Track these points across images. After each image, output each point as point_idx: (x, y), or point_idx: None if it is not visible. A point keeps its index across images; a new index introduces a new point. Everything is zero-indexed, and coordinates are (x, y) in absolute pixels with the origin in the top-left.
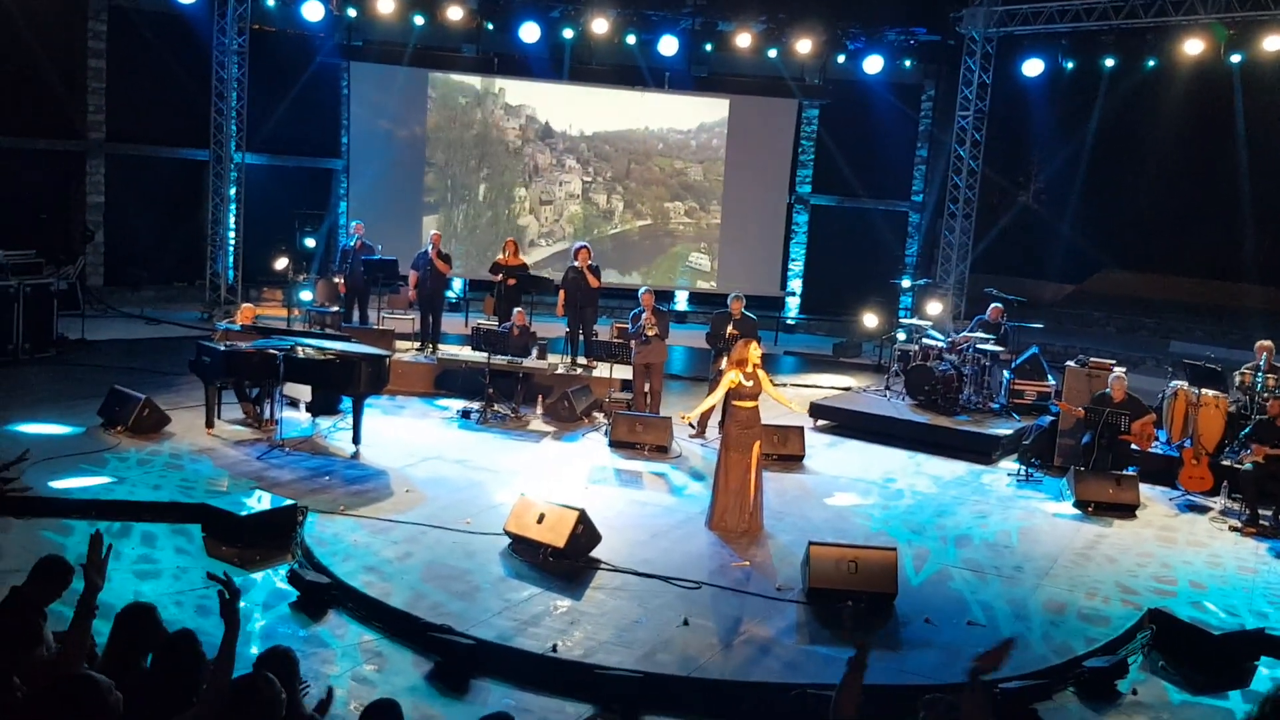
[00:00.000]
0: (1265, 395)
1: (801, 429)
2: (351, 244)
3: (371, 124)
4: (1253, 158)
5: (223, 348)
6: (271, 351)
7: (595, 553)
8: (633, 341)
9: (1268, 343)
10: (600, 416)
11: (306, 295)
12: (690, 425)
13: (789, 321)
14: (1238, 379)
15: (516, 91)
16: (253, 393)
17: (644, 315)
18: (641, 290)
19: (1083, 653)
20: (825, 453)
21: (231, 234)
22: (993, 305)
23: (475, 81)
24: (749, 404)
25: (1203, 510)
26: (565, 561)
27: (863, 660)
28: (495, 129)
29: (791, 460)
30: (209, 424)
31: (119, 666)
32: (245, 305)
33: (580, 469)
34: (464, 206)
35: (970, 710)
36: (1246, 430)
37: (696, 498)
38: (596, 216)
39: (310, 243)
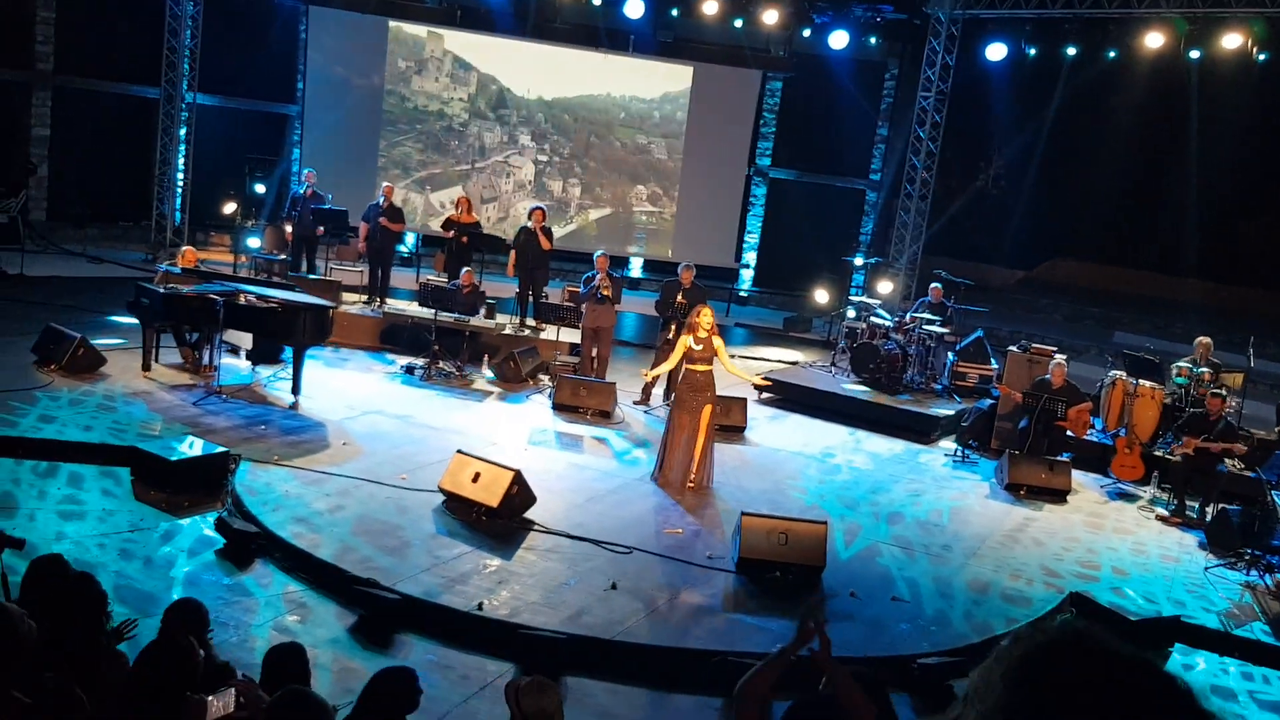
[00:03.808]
0: (1199, 389)
1: (744, 401)
2: (302, 191)
3: (329, 71)
4: (1203, 155)
5: (162, 290)
6: (212, 296)
7: (530, 514)
8: (584, 305)
9: (1206, 339)
10: (545, 379)
11: (254, 242)
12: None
13: (742, 293)
14: (1175, 371)
15: (474, 51)
16: (192, 337)
17: (598, 277)
18: (597, 253)
19: (1002, 632)
20: (767, 425)
21: (180, 175)
22: (933, 286)
23: (426, 38)
24: (699, 368)
25: (1132, 499)
26: (498, 521)
27: (793, 651)
28: (439, 100)
29: (733, 431)
30: (145, 367)
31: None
32: (187, 248)
33: (521, 430)
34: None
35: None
36: (1179, 422)
37: (635, 463)
38: (550, 210)
39: (260, 188)
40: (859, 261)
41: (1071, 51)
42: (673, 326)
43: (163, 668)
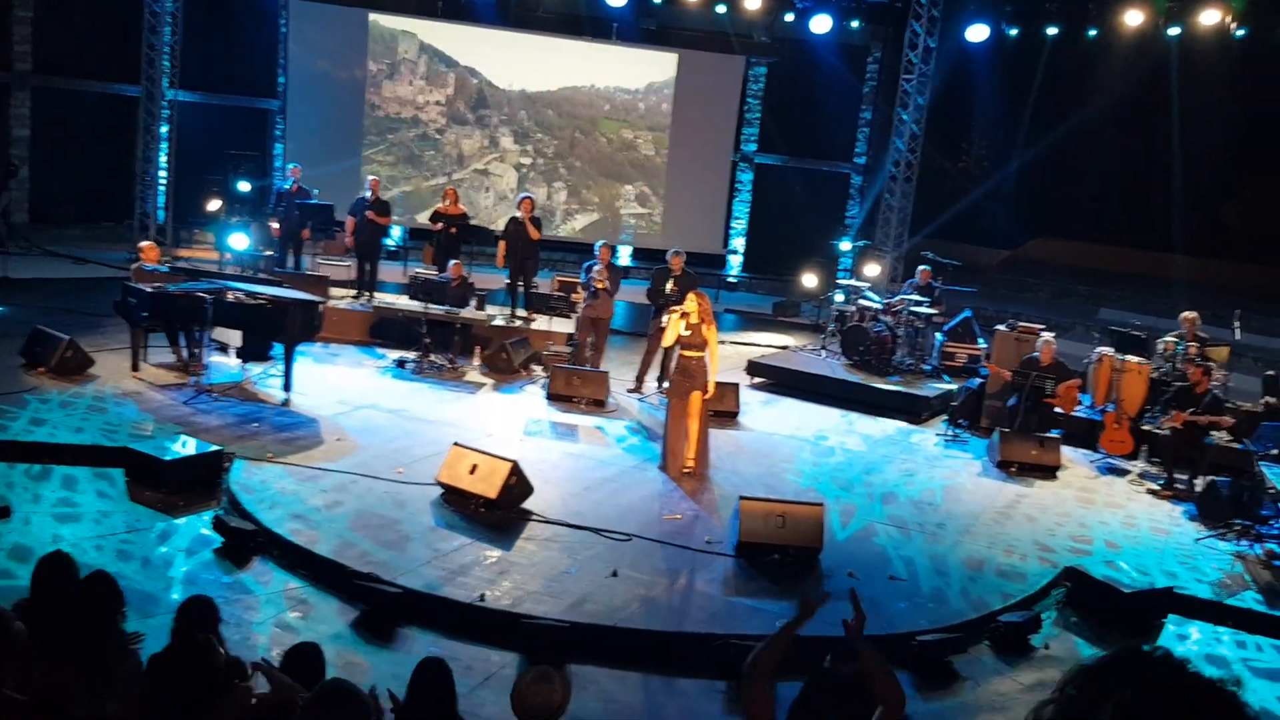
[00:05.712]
0: (1186, 363)
1: (736, 386)
2: (287, 187)
3: (310, 64)
4: (1185, 131)
5: (149, 289)
6: (199, 294)
7: (528, 504)
8: (579, 296)
9: (1192, 313)
10: (538, 369)
11: (239, 240)
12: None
13: (730, 279)
14: (1161, 346)
15: (454, 44)
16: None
17: (596, 268)
18: (599, 244)
19: (999, 608)
20: (760, 410)
21: (163, 173)
22: (920, 268)
23: (400, 36)
24: (691, 354)
25: (1122, 473)
26: (497, 512)
27: (799, 624)
28: (412, 105)
29: (726, 417)
30: (134, 367)
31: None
32: (146, 243)
33: (516, 421)
34: (403, 154)
35: (868, 665)
36: (1167, 396)
37: (631, 451)
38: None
39: (244, 185)
40: (846, 245)
41: (1052, 31)
42: (664, 314)
43: (184, 667)
